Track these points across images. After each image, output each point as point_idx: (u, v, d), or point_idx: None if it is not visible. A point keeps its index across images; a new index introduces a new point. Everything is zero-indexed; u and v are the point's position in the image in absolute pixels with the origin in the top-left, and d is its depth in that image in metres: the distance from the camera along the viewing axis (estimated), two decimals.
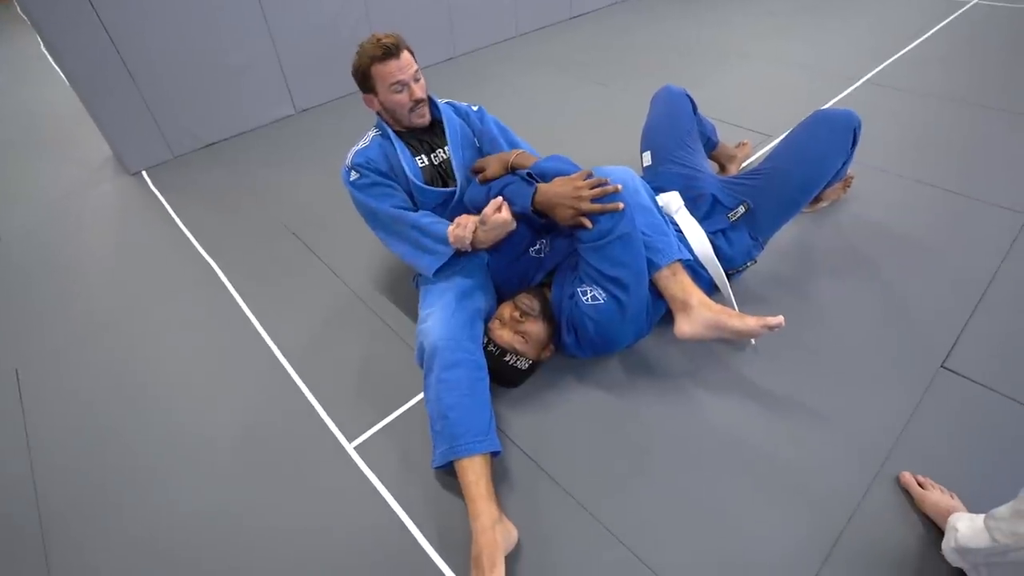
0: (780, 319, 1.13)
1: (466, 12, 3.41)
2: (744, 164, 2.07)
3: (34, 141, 3.02)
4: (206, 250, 1.98)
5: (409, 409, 1.34)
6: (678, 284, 1.25)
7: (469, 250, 1.31)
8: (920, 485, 1.07)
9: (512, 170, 1.33)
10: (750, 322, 1.17)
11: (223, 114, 2.72)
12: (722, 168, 2.00)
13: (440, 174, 1.46)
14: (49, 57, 2.21)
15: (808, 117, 1.48)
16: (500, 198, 1.25)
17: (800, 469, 1.14)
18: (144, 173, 2.54)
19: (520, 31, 3.77)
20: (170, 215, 2.21)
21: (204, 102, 2.63)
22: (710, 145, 1.87)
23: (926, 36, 3.10)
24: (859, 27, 3.36)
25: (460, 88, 3.09)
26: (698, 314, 1.22)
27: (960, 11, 3.42)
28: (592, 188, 1.15)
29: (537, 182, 1.25)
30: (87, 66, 2.27)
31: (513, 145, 1.51)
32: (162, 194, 2.36)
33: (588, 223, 1.15)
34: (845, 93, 2.57)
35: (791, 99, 2.56)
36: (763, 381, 1.32)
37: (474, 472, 1.09)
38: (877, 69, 2.77)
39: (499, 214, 1.23)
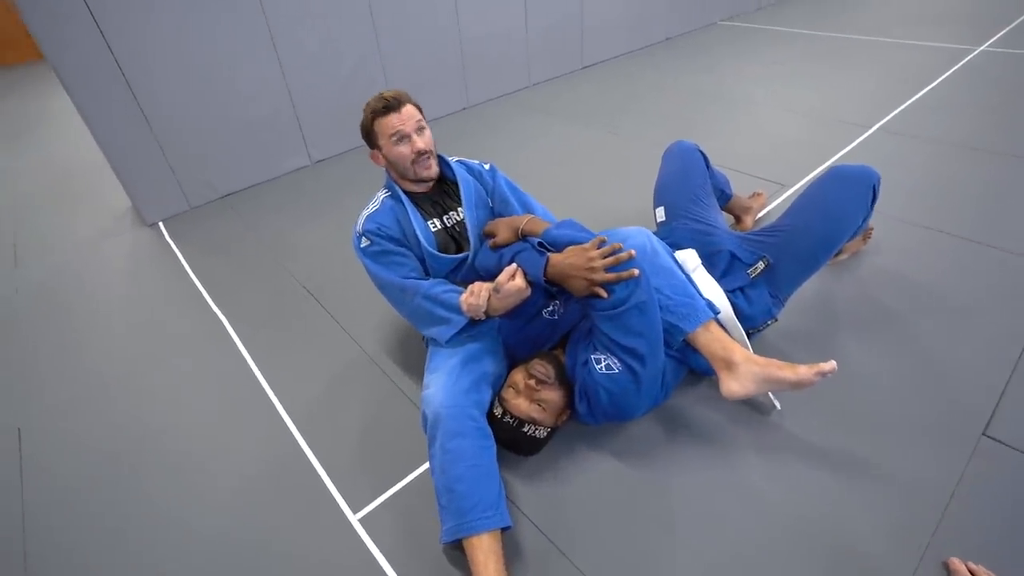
0: (833, 364, 1.05)
1: (480, 64, 3.50)
2: (760, 214, 2.04)
3: (57, 194, 3.10)
4: (217, 304, 1.97)
5: (417, 477, 1.28)
6: (717, 342, 1.20)
7: (483, 318, 1.28)
8: (971, 573, 0.98)
9: (523, 236, 1.30)
10: (802, 371, 1.09)
11: (239, 165, 2.78)
12: (737, 220, 1.97)
13: (453, 237, 1.42)
14: (76, 111, 2.28)
15: (826, 173, 1.46)
16: (514, 265, 1.21)
17: (838, 549, 1.05)
18: (161, 224, 2.58)
19: (533, 81, 3.86)
20: (183, 267, 2.22)
21: (221, 154, 2.69)
22: (724, 197, 1.85)
23: (936, 83, 3.11)
24: (867, 75, 3.39)
25: (473, 138, 3.15)
26: (745, 370, 1.15)
27: (968, 58, 3.44)
28: (605, 257, 1.12)
29: (549, 251, 1.22)
30: (111, 120, 2.34)
31: (524, 204, 1.49)
32: (177, 245, 2.39)
33: (604, 293, 1.11)
34: (858, 141, 2.56)
35: (804, 148, 2.55)
36: (792, 450, 1.24)
37: (483, 551, 1.03)
38: (889, 116, 2.77)
39: (513, 282, 1.19)
